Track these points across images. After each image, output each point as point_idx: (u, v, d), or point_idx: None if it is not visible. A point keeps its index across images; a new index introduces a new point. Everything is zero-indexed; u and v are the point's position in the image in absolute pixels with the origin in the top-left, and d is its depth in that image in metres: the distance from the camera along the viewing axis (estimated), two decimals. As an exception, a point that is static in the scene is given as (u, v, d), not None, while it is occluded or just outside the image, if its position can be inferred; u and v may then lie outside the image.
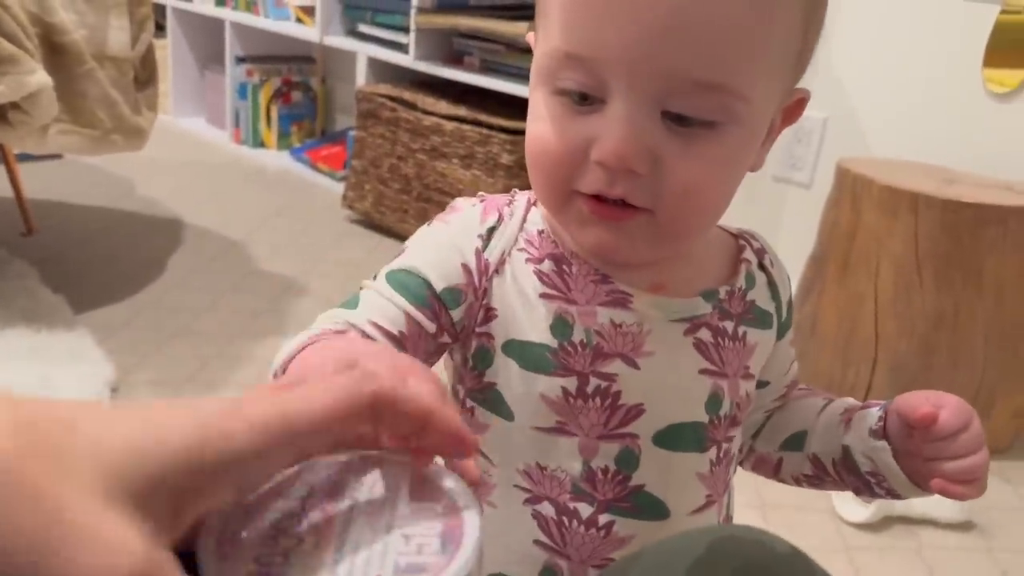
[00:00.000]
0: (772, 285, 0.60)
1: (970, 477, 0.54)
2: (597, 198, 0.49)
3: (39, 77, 1.32)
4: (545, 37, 0.49)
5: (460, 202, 0.57)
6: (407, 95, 2.18)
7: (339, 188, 2.61)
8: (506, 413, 0.55)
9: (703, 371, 0.55)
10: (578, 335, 0.53)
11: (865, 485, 0.60)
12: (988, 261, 1.38)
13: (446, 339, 0.54)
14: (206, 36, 3.18)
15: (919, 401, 0.54)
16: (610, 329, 0.53)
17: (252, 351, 1.60)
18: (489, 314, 0.54)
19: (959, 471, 0.54)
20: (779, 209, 1.98)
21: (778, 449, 0.66)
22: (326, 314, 0.53)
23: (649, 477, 0.54)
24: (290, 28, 2.74)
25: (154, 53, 1.76)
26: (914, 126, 1.74)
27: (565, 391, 0.53)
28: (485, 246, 0.54)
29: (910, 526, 1.30)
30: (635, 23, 0.44)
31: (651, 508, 0.55)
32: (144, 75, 1.72)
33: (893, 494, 0.59)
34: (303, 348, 0.46)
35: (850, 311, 1.48)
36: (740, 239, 0.61)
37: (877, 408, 0.59)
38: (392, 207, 2.24)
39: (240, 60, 2.95)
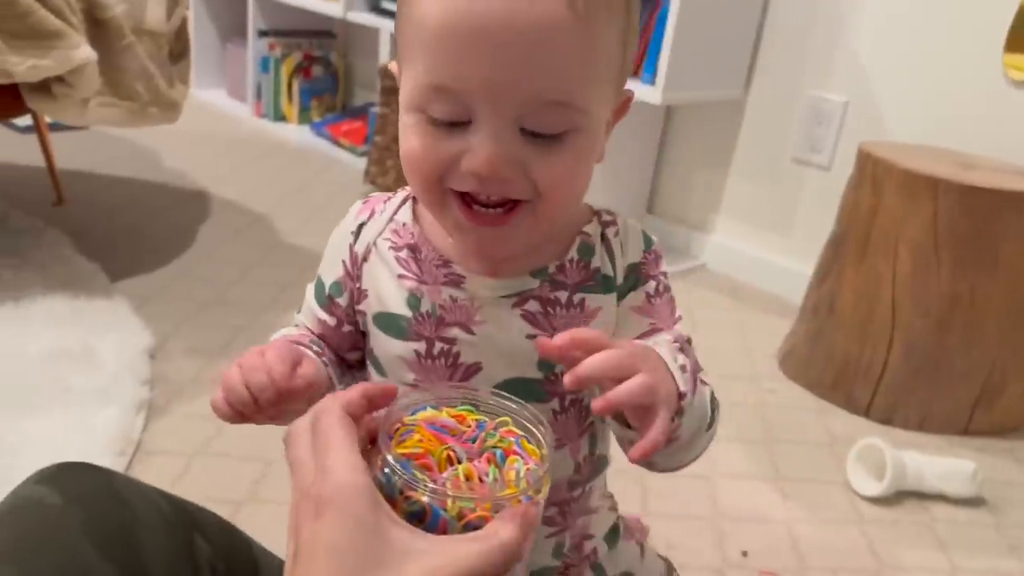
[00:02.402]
0: (610, 252, 0.66)
1: (622, 399, 0.50)
2: (470, 206, 0.56)
3: (84, 51, 1.36)
4: (411, 73, 0.55)
5: (355, 204, 0.69)
6: (431, 72, 2.19)
7: (360, 163, 2.65)
8: (381, 371, 0.66)
9: (530, 336, 0.62)
10: (425, 307, 0.63)
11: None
12: (1004, 246, 1.41)
13: (347, 327, 0.68)
14: (228, 8, 3.20)
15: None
16: (449, 303, 0.63)
17: (281, 322, 1.62)
18: (362, 294, 0.66)
19: (614, 397, 0.50)
20: (798, 190, 2.01)
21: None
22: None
23: None
24: (314, 3, 2.75)
25: (187, 27, 1.79)
26: (933, 111, 1.77)
27: (417, 353, 0.63)
28: (355, 240, 0.66)
29: (923, 501, 1.34)
30: (493, 60, 0.51)
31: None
32: (178, 48, 1.75)
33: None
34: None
35: (868, 291, 1.52)
36: (596, 214, 0.67)
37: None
38: (414, 183, 2.26)
39: (263, 33, 2.97)
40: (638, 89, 1.87)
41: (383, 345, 0.65)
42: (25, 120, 2.35)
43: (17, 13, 1.28)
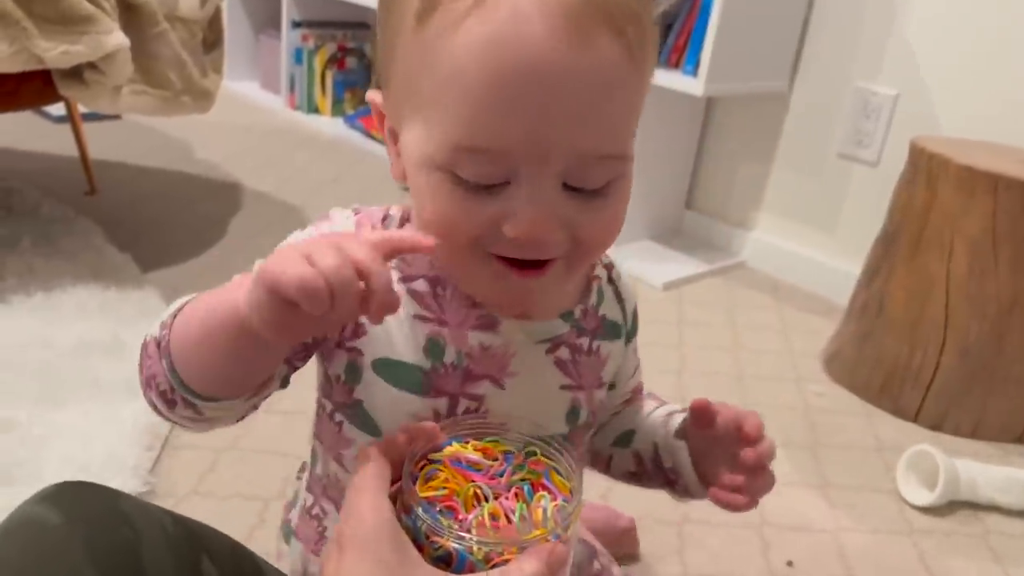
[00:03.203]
0: (619, 297, 0.64)
1: (766, 491, 0.59)
2: (510, 261, 0.51)
3: (116, 37, 1.34)
4: (431, 127, 0.48)
5: (334, 212, 0.59)
6: (467, 63, 2.16)
7: (393, 155, 2.62)
8: (372, 430, 0.56)
9: (563, 387, 0.59)
10: (450, 357, 0.55)
11: (668, 482, 0.65)
12: (1067, 245, 1.35)
13: (307, 348, 0.57)
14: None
15: (708, 405, 0.59)
16: (479, 352, 0.55)
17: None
18: (358, 330, 0.55)
19: (732, 483, 0.58)
20: (844, 186, 1.95)
21: (609, 446, 0.70)
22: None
23: None
24: (347, -7, 2.73)
25: (221, 15, 1.77)
26: (989, 105, 1.70)
27: (436, 412, 0.55)
28: None
29: (976, 511, 1.28)
30: (544, 117, 0.45)
31: None
32: (211, 37, 1.73)
33: (688, 494, 0.64)
34: (192, 299, 0.51)
35: (920, 292, 1.46)
36: None
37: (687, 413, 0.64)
38: (448, 175, 2.23)
39: (296, 24, 2.95)
40: (679, 80, 1.82)
41: (386, 397, 0.55)
42: (59, 110, 2.35)
43: (49, -3, 1.26)
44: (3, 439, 1.12)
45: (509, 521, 0.46)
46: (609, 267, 0.64)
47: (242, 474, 1.17)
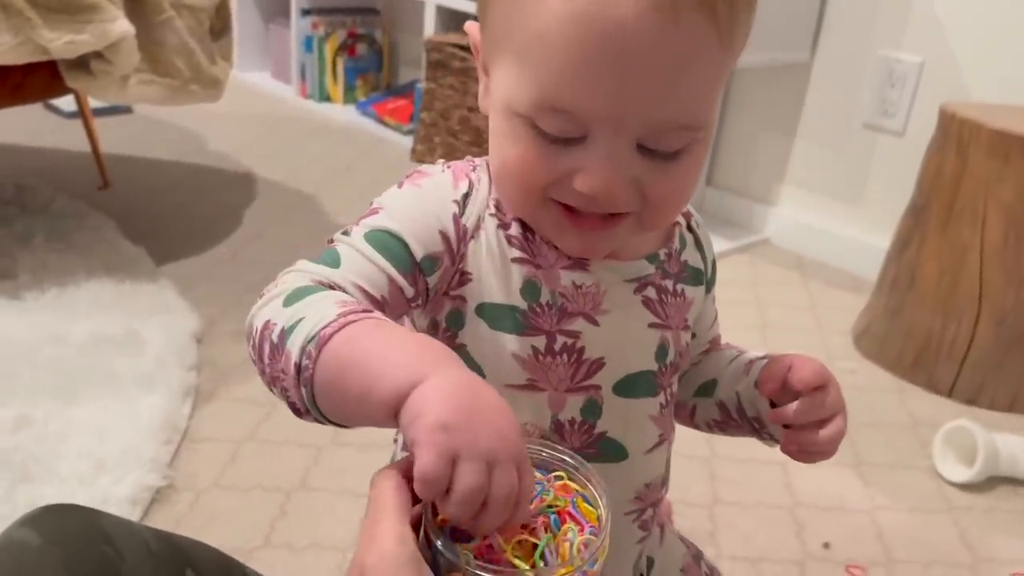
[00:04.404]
0: (699, 244, 0.66)
1: (814, 449, 0.60)
2: (572, 210, 0.52)
3: (121, 25, 1.31)
4: (517, 78, 0.50)
5: (427, 168, 0.59)
6: (479, 44, 2.13)
7: (406, 142, 2.59)
8: (477, 371, 0.57)
9: (652, 324, 0.60)
10: (545, 296, 0.56)
11: (753, 430, 0.66)
12: (1107, 210, 1.30)
13: (418, 303, 0.56)
14: (270, -12, 3.16)
15: (776, 370, 0.61)
16: (572, 290, 0.57)
17: (331, 303, 1.59)
18: (464, 278, 0.56)
19: (807, 442, 0.60)
20: (869, 157, 1.90)
21: (692, 396, 0.71)
22: (300, 269, 0.54)
23: (610, 424, 0.59)
24: (356, -22, 2.70)
25: (228, 2, 1.74)
26: (1016, 68, 1.65)
27: (535, 349, 0.56)
28: (462, 212, 0.56)
29: (1016, 487, 1.24)
30: (627, 87, 0.47)
31: (613, 451, 0.61)
32: (219, 25, 1.70)
33: (775, 441, 0.65)
34: (343, 327, 0.45)
35: (953, 263, 1.41)
36: None
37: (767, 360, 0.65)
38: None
39: (306, 12, 2.92)
40: (697, 54, 1.77)
41: (490, 340, 0.56)
42: (69, 105, 2.33)
43: (52, -15, 1.24)
44: (19, 436, 1.10)
45: (534, 552, 0.44)
46: (688, 215, 0.65)
47: (263, 466, 1.15)
